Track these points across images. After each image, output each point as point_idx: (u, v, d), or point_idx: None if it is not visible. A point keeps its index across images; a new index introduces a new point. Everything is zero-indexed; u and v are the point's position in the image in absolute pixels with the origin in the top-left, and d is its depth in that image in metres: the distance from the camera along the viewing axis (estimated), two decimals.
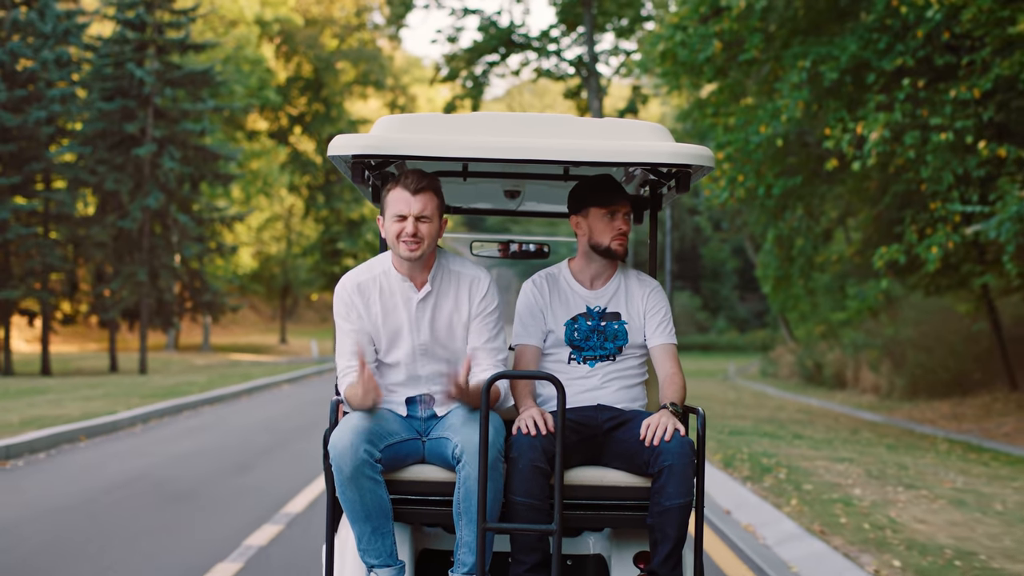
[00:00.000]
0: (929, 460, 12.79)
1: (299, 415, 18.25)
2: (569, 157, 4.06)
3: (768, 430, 15.63)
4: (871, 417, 21.54)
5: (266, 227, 66.40)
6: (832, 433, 15.95)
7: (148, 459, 11.95)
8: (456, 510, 4.12)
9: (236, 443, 13.76)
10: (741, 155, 15.52)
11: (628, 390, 4.57)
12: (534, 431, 4.16)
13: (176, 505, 9.11)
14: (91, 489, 9.74)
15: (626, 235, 4.54)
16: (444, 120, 4.30)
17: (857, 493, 9.56)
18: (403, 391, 4.41)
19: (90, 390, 20.94)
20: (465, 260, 4.50)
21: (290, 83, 55.61)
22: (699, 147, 4.11)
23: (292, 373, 29.21)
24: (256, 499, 9.46)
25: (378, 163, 4.46)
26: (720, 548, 7.90)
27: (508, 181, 5.11)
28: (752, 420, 17.51)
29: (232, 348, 60.80)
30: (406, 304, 4.34)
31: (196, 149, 32.75)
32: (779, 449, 13.09)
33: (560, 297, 4.60)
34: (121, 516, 8.52)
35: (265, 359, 49.70)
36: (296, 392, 24.07)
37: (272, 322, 76.51)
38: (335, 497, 4.16)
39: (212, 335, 72.57)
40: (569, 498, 4.19)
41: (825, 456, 12.49)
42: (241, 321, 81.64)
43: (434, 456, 4.28)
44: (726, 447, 13.12)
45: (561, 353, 4.56)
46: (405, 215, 4.22)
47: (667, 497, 4.11)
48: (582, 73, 35.50)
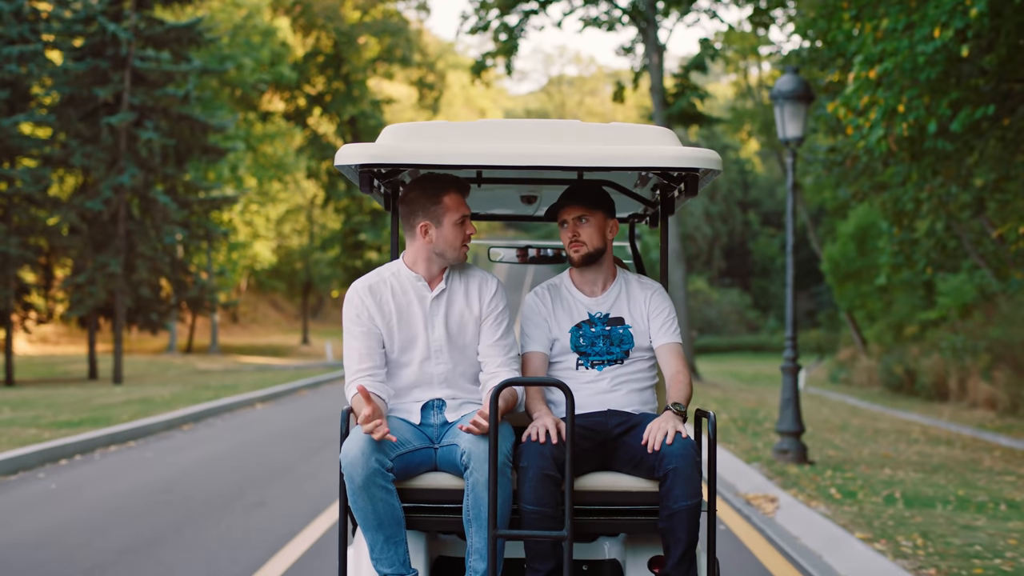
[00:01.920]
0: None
1: (249, 457, 13.25)
2: (575, 163, 4.09)
3: (941, 484, 10.50)
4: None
5: (286, 219, 61.92)
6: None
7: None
8: (466, 517, 4.14)
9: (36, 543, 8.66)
10: (902, 74, 10.28)
11: (638, 393, 4.59)
12: (543, 439, 4.17)
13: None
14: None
15: (580, 241, 4.56)
16: (452, 128, 4.30)
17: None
18: (416, 393, 4.42)
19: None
20: (471, 264, 4.56)
21: (307, 59, 50.69)
22: (706, 150, 4.11)
23: (282, 386, 24.25)
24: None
25: (387, 172, 4.51)
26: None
27: (524, 187, 5.17)
28: (905, 465, 12.28)
29: (249, 349, 56.26)
30: (420, 302, 4.40)
31: (180, 119, 27.91)
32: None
33: (562, 306, 4.65)
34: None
35: (279, 362, 45.21)
36: (280, 413, 19.17)
37: (296, 321, 71.70)
38: (347, 507, 4.16)
39: (231, 335, 68.30)
40: (580, 504, 4.22)
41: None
42: (262, 320, 77.18)
43: (446, 463, 4.28)
44: (901, 527, 7.84)
45: (568, 360, 4.60)
46: (467, 216, 4.35)
47: (674, 500, 4.12)
48: (639, 23, 30.28)
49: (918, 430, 18.05)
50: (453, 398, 4.41)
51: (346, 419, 4.25)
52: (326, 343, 43.64)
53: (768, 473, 10.97)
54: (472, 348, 4.42)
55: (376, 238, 49.65)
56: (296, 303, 72.29)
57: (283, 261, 64.22)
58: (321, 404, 20.22)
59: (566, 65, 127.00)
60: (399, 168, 4.37)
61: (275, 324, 76.96)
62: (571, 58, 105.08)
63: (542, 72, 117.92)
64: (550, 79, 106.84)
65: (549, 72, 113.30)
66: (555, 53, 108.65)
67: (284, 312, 78.71)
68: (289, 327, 73.90)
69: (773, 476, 10.74)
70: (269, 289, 70.02)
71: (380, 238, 49.80)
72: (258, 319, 76.97)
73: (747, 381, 39.07)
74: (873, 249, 44.11)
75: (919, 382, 28.79)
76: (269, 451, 13.44)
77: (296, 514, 8.97)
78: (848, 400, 28.80)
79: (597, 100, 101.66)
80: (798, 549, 7.86)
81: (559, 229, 4.65)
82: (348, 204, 50.59)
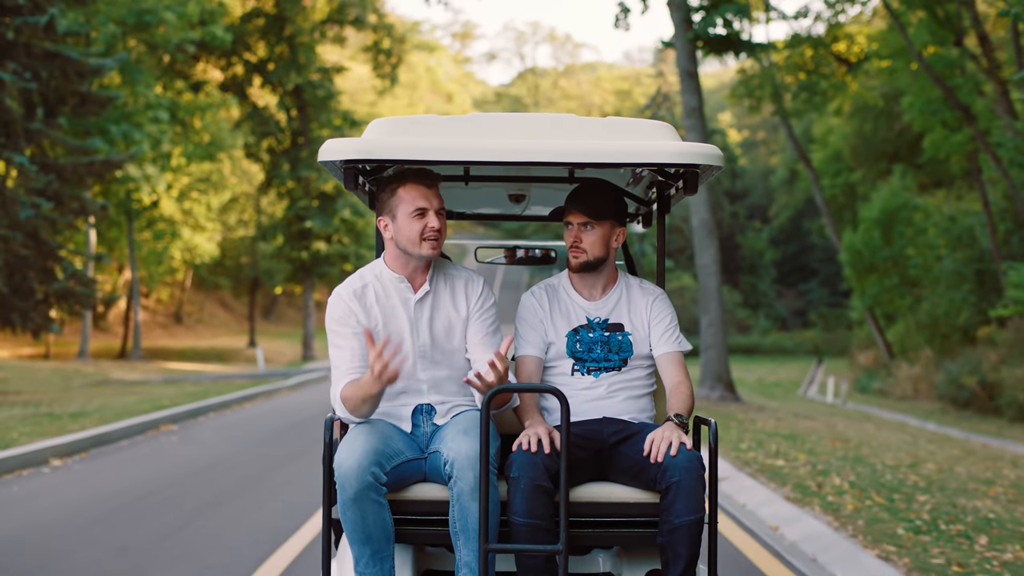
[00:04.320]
0: None
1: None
2: (569, 159, 3.93)
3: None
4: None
5: (231, 208, 55.30)
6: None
7: None
8: (452, 529, 4.02)
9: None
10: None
11: (635, 400, 4.44)
12: (535, 448, 4.00)
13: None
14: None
15: (581, 248, 4.42)
16: (440, 122, 4.14)
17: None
18: (403, 399, 4.28)
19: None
20: (455, 264, 4.43)
21: (246, 20, 44.02)
22: (707, 146, 3.89)
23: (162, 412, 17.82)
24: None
25: (373, 168, 4.36)
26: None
27: (512, 185, 5.06)
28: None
29: (189, 354, 49.77)
30: (404, 305, 4.27)
31: (47, 57, 21.34)
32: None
33: (560, 308, 4.50)
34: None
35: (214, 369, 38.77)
36: (90, 475, 12.74)
37: (248, 322, 64.65)
38: (332, 519, 4.08)
39: (173, 337, 61.68)
40: (574, 516, 4.11)
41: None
42: (209, 321, 70.50)
43: (433, 472, 4.15)
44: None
45: (564, 365, 4.45)
46: (426, 208, 4.16)
47: (676, 515, 3.94)
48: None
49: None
50: (442, 403, 4.28)
51: (330, 428, 4.09)
52: (257, 348, 36.86)
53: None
54: (460, 351, 4.29)
55: (324, 226, 43.08)
56: (247, 301, 65.55)
57: (228, 255, 57.66)
58: (187, 452, 13.59)
59: (540, 44, 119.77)
60: (385, 164, 4.23)
61: (223, 325, 70.29)
62: (545, 35, 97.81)
63: (514, 51, 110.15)
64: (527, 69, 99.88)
65: (521, 51, 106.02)
66: (528, 31, 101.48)
67: (234, 312, 72.02)
68: (239, 328, 67.27)
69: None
70: (211, 286, 63.26)
71: (329, 226, 43.25)
72: (204, 319, 70.24)
73: (774, 395, 32.61)
74: (901, 236, 37.99)
75: (1005, 397, 22.49)
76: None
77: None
78: (910, 421, 22.57)
79: (573, 82, 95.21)
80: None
81: (564, 228, 4.48)
82: (293, 187, 43.95)
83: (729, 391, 22.25)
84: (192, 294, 69.10)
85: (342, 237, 44.09)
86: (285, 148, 44.10)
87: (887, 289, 38.39)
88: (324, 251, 43.43)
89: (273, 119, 44.15)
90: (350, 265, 44.63)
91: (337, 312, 4.20)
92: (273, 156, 44.18)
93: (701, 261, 22.75)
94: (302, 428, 15.85)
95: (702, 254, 22.64)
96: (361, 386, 3.96)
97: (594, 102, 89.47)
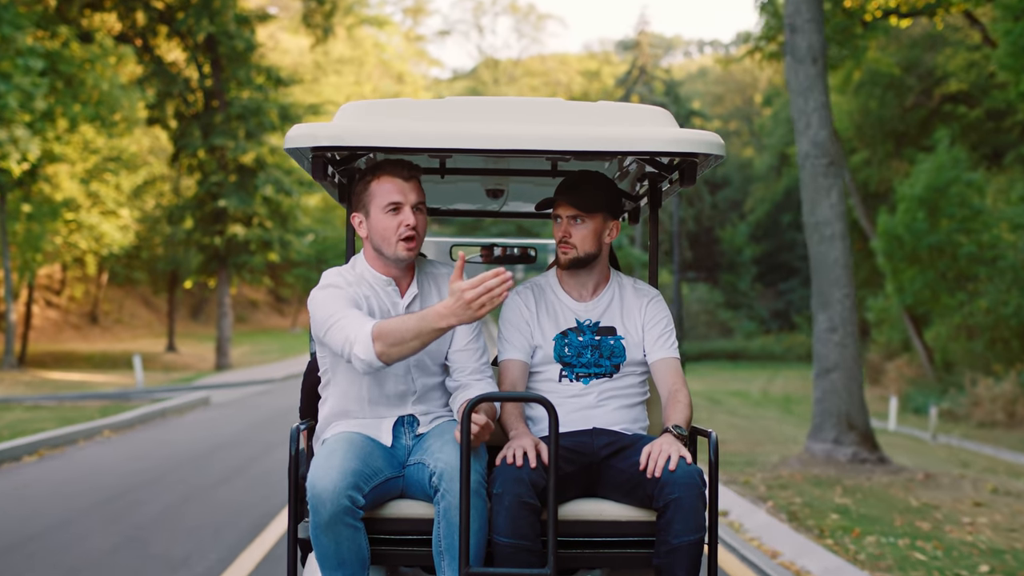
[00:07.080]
0: None
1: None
2: (564, 146, 3.66)
3: None
4: None
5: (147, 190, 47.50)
6: None
7: None
8: (437, 548, 3.68)
9: None
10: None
11: (628, 410, 4.14)
12: (520, 462, 3.69)
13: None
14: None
15: (571, 243, 4.11)
16: (415, 106, 3.89)
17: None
18: (382, 411, 3.92)
19: None
20: (433, 261, 4.15)
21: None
22: (707, 132, 3.64)
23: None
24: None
25: (343, 157, 4.12)
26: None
27: (490, 179, 4.85)
28: None
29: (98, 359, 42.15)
30: (394, 309, 3.96)
31: None
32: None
33: (548, 310, 4.20)
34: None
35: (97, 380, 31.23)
36: None
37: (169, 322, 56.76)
38: (299, 538, 3.80)
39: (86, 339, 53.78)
40: (563, 535, 3.79)
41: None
42: (129, 321, 62.42)
43: (413, 486, 3.82)
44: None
45: (551, 371, 4.14)
46: (401, 203, 3.84)
47: (675, 534, 3.67)
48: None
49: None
50: (425, 414, 3.98)
51: (296, 438, 3.81)
52: (135, 357, 29.21)
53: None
54: (443, 357, 4.01)
55: (243, 205, 35.37)
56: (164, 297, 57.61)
57: (144, 245, 49.89)
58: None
59: (500, 15, 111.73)
60: (357, 152, 4.01)
61: (146, 326, 62.25)
62: (506, 6, 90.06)
63: (471, 23, 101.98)
64: None
65: (480, 23, 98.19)
66: (487, 1, 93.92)
67: (159, 311, 63.99)
68: (163, 330, 59.28)
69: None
70: (125, 281, 55.28)
71: (248, 206, 35.56)
72: (124, 320, 62.16)
73: (764, 411, 25.70)
74: (950, 219, 30.95)
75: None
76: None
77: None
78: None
79: (536, 59, 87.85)
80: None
81: (552, 223, 4.21)
82: (205, 159, 36.22)
83: (867, 446, 12.79)
84: (110, 291, 61.31)
85: (264, 220, 36.34)
86: (196, 112, 36.33)
87: (930, 283, 31.39)
88: (242, 236, 35.67)
89: (181, 76, 36.42)
90: (274, 254, 37.08)
91: (331, 284, 3.82)
92: (182, 121, 36.44)
93: (813, 216, 13.12)
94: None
95: (818, 200, 12.99)
96: (426, 318, 3.51)
97: (560, 80, 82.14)
